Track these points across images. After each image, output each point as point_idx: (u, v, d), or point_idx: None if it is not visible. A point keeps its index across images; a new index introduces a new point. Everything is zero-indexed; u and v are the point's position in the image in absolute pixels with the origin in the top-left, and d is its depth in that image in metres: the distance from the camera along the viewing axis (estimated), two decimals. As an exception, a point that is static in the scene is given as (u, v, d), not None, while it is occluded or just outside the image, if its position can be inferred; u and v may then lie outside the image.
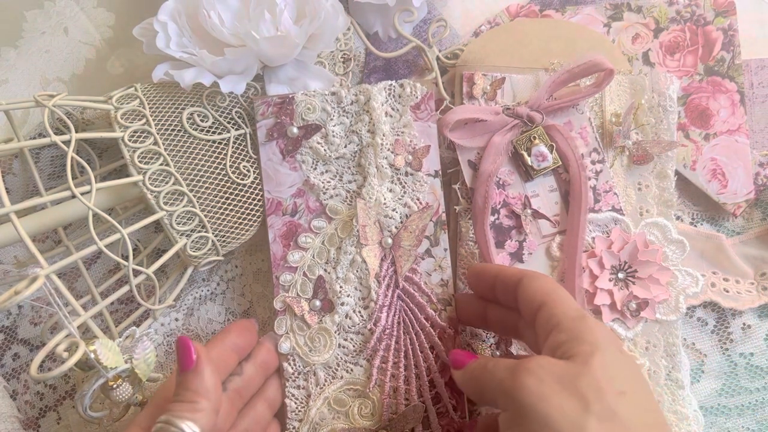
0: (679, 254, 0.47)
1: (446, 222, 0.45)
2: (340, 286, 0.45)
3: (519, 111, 0.46)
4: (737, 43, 0.51)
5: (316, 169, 0.45)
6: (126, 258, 0.41)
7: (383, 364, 0.44)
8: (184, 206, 0.44)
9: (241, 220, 0.46)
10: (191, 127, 0.44)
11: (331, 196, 0.45)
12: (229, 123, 0.46)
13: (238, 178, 0.45)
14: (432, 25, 0.50)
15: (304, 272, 0.45)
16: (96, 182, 0.40)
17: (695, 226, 0.52)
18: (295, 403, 0.45)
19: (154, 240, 0.49)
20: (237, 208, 0.46)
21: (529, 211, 0.47)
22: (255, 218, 0.46)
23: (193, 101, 0.45)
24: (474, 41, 0.51)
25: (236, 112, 0.46)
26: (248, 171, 0.46)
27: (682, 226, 0.51)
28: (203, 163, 0.44)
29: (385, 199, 0.45)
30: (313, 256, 0.45)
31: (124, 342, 0.42)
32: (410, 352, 0.44)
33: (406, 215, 0.45)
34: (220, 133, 0.45)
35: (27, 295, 0.35)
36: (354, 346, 0.45)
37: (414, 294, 0.44)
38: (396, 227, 0.45)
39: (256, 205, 0.46)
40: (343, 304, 0.44)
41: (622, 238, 0.47)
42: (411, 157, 0.45)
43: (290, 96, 0.45)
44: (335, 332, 0.44)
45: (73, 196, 0.39)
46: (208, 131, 0.45)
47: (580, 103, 0.47)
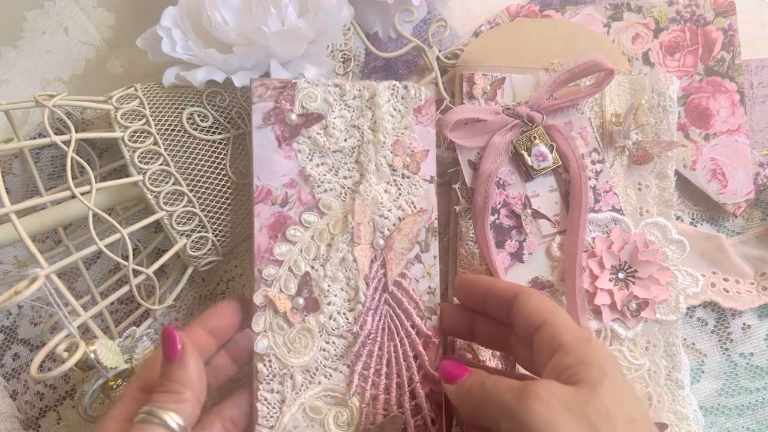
0: (679, 254, 0.47)
1: (438, 230, 0.44)
2: (328, 285, 0.43)
3: (519, 111, 0.46)
4: (737, 43, 0.51)
5: (312, 160, 0.43)
6: (126, 258, 0.41)
7: (365, 371, 0.42)
8: (184, 206, 0.44)
9: (241, 220, 0.46)
10: (191, 127, 0.44)
11: (325, 190, 0.43)
12: (229, 123, 0.46)
13: (238, 178, 0.45)
14: (432, 25, 0.50)
15: (290, 267, 0.42)
16: (96, 182, 0.40)
17: (695, 226, 0.52)
18: (267, 408, 0.42)
19: (154, 240, 0.49)
20: (237, 208, 0.46)
21: (530, 211, 0.47)
22: (255, 218, 0.46)
23: (193, 101, 0.45)
24: (474, 41, 0.51)
25: (236, 112, 0.46)
26: (249, 171, 0.46)
27: (682, 226, 0.51)
28: (203, 163, 0.44)
29: (382, 199, 0.43)
30: (301, 251, 0.43)
31: (124, 342, 0.42)
32: (393, 360, 0.42)
33: (400, 218, 0.44)
34: (220, 133, 0.45)
35: (27, 295, 0.35)
36: (336, 350, 0.42)
37: (402, 299, 0.43)
38: (389, 229, 0.43)
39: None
40: (329, 304, 0.42)
41: (622, 238, 0.47)
42: (409, 160, 0.44)
43: (292, 81, 0.43)
44: (318, 334, 0.42)
45: (73, 196, 0.39)
46: (208, 131, 0.45)
47: (581, 103, 0.47)
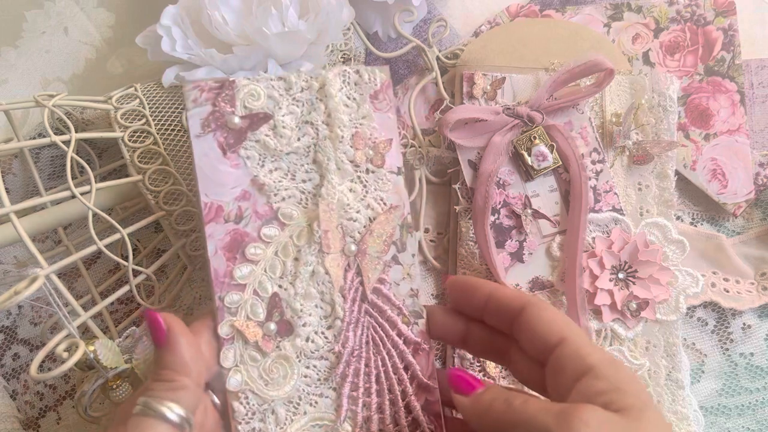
0: (680, 254, 0.47)
1: (411, 226, 0.40)
2: (301, 304, 0.38)
3: (519, 111, 0.46)
4: (737, 43, 0.51)
5: (264, 166, 0.39)
6: (126, 258, 0.41)
7: (353, 392, 0.38)
8: (183, 206, 0.44)
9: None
10: (191, 127, 0.44)
11: (283, 198, 0.39)
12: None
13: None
14: (432, 25, 0.50)
15: (255, 290, 0.38)
16: (96, 182, 0.40)
17: (695, 226, 0.52)
18: None
19: (154, 240, 0.49)
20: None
21: (530, 211, 0.47)
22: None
23: (193, 101, 0.45)
24: (474, 41, 0.51)
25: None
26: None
27: (682, 226, 0.51)
28: (203, 163, 0.44)
29: (348, 200, 0.39)
30: (265, 271, 0.38)
31: (124, 342, 0.42)
32: (382, 375, 0.39)
33: (370, 218, 0.39)
34: (220, 133, 0.45)
35: (27, 295, 0.35)
36: (318, 374, 0.38)
37: (384, 308, 0.39)
38: (360, 232, 0.39)
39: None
40: (304, 325, 0.38)
41: (622, 238, 0.47)
42: (372, 153, 0.40)
43: (229, 80, 0.38)
44: (296, 359, 0.38)
45: (73, 196, 0.39)
46: (208, 131, 0.45)
47: (581, 103, 0.47)
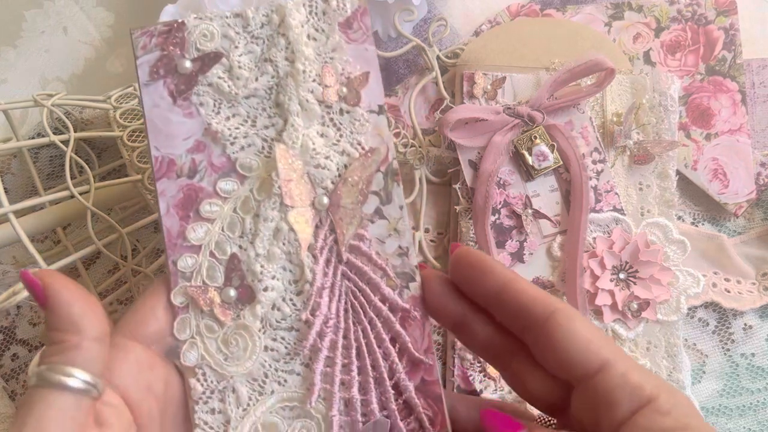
0: (681, 254, 0.47)
1: (398, 173, 0.34)
2: (262, 266, 0.33)
3: (520, 110, 0.46)
4: (738, 43, 0.51)
5: (219, 113, 0.34)
6: (125, 258, 0.41)
7: (328, 368, 0.33)
8: (183, 206, 0.43)
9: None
10: (190, 127, 0.44)
11: (242, 147, 0.34)
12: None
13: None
14: (432, 25, 0.50)
15: (211, 252, 0.33)
16: (95, 182, 0.40)
17: (696, 226, 0.52)
18: None
19: (154, 240, 0.49)
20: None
21: (530, 211, 0.47)
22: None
23: (193, 101, 0.45)
24: (474, 40, 0.51)
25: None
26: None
27: (684, 226, 0.51)
28: (203, 162, 0.44)
29: (314, 145, 0.34)
30: (222, 230, 0.34)
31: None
32: (364, 349, 0.33)
33: (346, 165, 0.34)
34: (220, 133, 0.45)
35: (26, 296, 0.35)
36: (287, 347, 0.33)
37: (363, 268, 0.33)
38: (333, 182, 0.34)
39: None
40: (266, 290, 0.33)
41: (623, 238, 0.47)
42: (345, 90, 0.35)
43: (179, 21, 0.34)
44: (259, 330, 0.33)
45: (72, 196, 0.39)
46: (208, 131, 0.45)
47: (581, 102, 0.47)
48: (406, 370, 0.33)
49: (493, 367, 0.35)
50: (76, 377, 0.26)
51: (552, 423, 0.31)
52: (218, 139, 0.34)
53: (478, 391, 0.46)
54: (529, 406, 0.31)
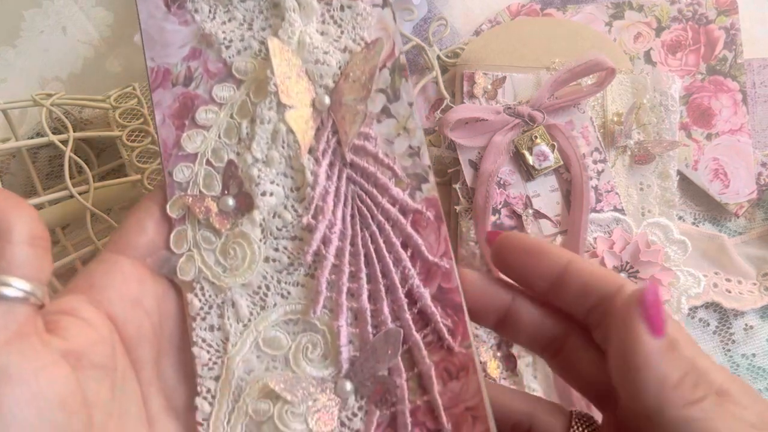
0: (681, 254, 0.47)
1: (407, 68, 0.32)
2: (259, 170, 0.31)
3: (520, 110, 0.46)
4: (739, 42, 0.51)
5: (215, 18, 0.33)
6: (124, 258, 0.41)
7: (334, 276, 0.30)
8: (182, 206, 0.43)
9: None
10: (190, 127, 0.44)
11: (238, 51, 0.32)
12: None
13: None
14: (432, 24, 0.50)
15: (208, 160, 0.32)
16: (94, 182, 0.40)
17: (697, 227, 0.51)
18: (208, 353, 0.30)
19: (153, 240, 0.49)
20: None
21: (531, 211, 0.47)
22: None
23: (192, 100, 0.45)
24: (475, 40, 0.51)
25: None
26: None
27: (684, 227, 0.51)
28: (202, 162, 0.44)
29: (312, 40, 0.32)
30: (219, 137, 0.32)
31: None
32: (373, 255, 0.30)
33: (348, 62, 0.32)
34: (219, 133, 0.45)
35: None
36: (289, 258, 0.30)
37: (369, 169, 0.31)
38: (334, 80, 0.32)
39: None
40: (265, 194, 0.31)
41: (623, 238, 0.47)
42: None
43: None
44: (259, 239, 0.31)
45: (71, 196, 0.39)
46: (207, 131, 0.45)
47: (582, 102, 0.47)
48: (421, 277, 0.30)
49: (539, 355, 0.31)
50: (15, 286, 0.24)
51: (593, 425, 0.30)
52: (213, 44, 0.32)
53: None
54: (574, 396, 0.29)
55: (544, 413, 0.31)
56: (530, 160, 0.46)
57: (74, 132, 0.40)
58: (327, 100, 0.31)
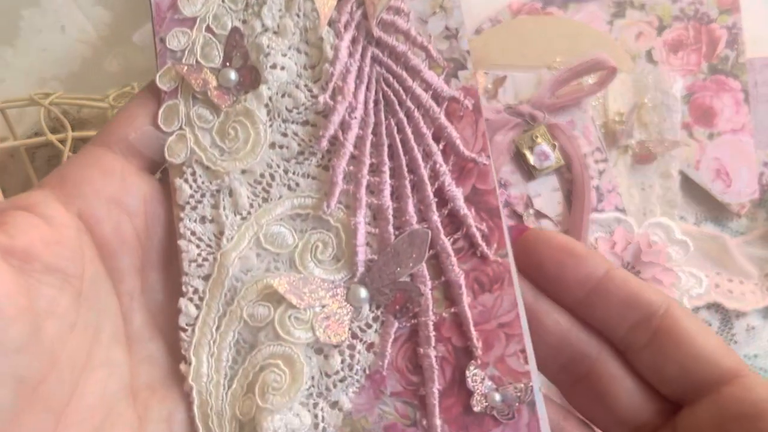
0: (683, 255, 0.47)
1: None
2: (269, 40, 0.26)
3: (521, 109, 0.46)
4: (741, 41, 0.50)
5: None
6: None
7: (352, 168, 0.25)
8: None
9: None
10: (189, 126, 0.44)
11: None
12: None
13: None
14: (433, 23, 0.50)
15: (208, 26, 0.27)
16: (92, 182, 0.39)
17: (699, 227, 0.51)
18: (198, 247, 0.25)
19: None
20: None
21: (532, 211, 0.47)
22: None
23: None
24: (475, 39, 0.51)
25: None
26: None
27: (686, 227, 0.51)
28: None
29: None
30: (223, 0, 0.27)
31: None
32: (399, 147, 0.26)
33: None
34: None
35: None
36: (300, 145, 0.26)
37: (399, 48, 0.26)
38: None
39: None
40: (275, 67, 0.26)
41: (625, 238, 0.46)
42: None
43: None
44: (266, 120, 0.26)
45: (69, 196, 0.38)
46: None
47: (583, 101, 0.47)
48: (454, 174, 0.26)
49: (552, 382, 0.26)
50: None
51: None
52: None
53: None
54: None
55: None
56: (531, 159, 0.46)
57: (73, 131, 0.40)
58: None
